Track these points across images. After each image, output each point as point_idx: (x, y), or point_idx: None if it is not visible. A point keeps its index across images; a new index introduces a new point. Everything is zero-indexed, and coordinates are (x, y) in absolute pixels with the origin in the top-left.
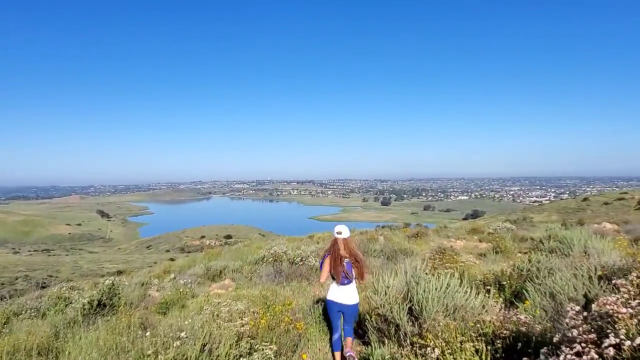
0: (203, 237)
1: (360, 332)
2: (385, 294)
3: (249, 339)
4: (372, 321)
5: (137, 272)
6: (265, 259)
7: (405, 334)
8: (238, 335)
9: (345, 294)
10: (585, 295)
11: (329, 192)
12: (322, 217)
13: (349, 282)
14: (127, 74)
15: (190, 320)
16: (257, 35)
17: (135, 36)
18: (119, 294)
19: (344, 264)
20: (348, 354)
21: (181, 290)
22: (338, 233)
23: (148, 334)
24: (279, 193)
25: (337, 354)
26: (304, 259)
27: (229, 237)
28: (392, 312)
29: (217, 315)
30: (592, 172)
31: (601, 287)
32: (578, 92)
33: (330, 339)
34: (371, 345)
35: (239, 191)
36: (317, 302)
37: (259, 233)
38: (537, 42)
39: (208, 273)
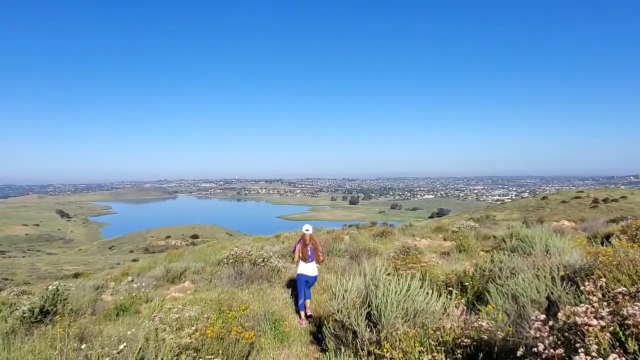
0: (169, 237)
1: (320, 337)
2: (343, 298)
3: (191, 352)
4: (329, 327)
5: (95, 274)
6: (226, 260)
7: (363, 341)
8: (180, 348)
9: (308, 269)
10: (548, 298)
11: (298, 191)
12: (291, 216)
13: (311, 261)
14: (87, 68)
15: (133, 330)
16: (225, 31)
17: (97, 29)
18: (66, 299)
19: (307, 249)
20: (309, 314)
21: (134, 294)
22: (306, 230)
23: (84, 346)
24: (247, 192)
25: (302, 313)
26: (265, 260)
27: (195, 237)
28: (349, 318)
29: (168, 323)
30: (551, 171)
31: (564, 288)
32: (538, 95)
33: (297, 302)
34: (328, 354)
35: (206, 190)
36: (286, 299)
37: (226, 233)
38: (498, 44)
39: (168, 275)
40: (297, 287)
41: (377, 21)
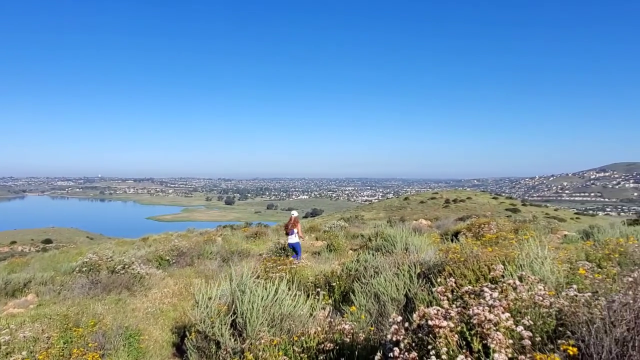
0: (14, 242)
1: (183, 349)
2: (207, 306)
3: None
4: (191, 339)
5: None
6: (80, 267)
7: (227, 352)
8: None
9: (291, 239)
10: (406, 295)
11: (170, 191)
12: (162, 217)
13: (293, 234)
14: None
15: None
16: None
17: None
18: None
19: (290, 227)
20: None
21: None
22: (292, 214)
23: None
24: (112, 192)
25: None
26: (127, 266)
27: (48, 241)
28: (213, 328)
29: None
30: (412, 174)
31: (420, 285)
32: (400, 106)
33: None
34: None
35: (62, 189)
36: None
37: (86, 236)
38: (366, 52)
39: (7, 287)
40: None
41: (264, 27)
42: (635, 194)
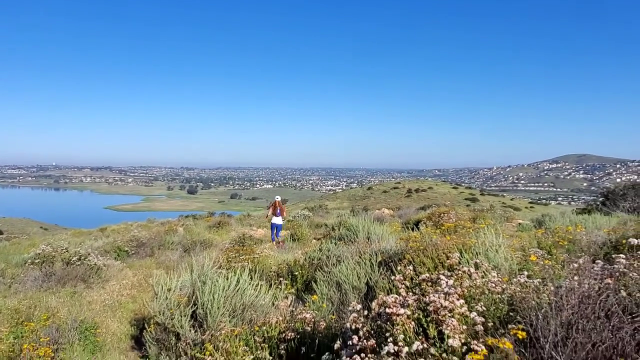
0: None
1: (142, 341)
2: (166, 298)
3: None
4: (150, 331)
5: None
6: (33, 259)
7: (187, 343)
8: None
9: (277, 220)
10: (367, 283)
11: (130, 179)
12: (121, 207)
13: (279, 215)
14: None
15: None
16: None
17: None
18: None
19: (277, 209)
20: (280, 244)
21: None
22: (277, 198)
23: None
24: (67, 181)
25: (273, 243)
26: (82, 257)
27: None
28: (172, 320)
29: None
30: (375, 164)
31: (380, 273)
32: (365, 97)
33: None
34: None
35: (13, 178)
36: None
37: (40, 227)
38: (329, 40)
39: None
40: (271, 229)
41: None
42: (585, 184)
